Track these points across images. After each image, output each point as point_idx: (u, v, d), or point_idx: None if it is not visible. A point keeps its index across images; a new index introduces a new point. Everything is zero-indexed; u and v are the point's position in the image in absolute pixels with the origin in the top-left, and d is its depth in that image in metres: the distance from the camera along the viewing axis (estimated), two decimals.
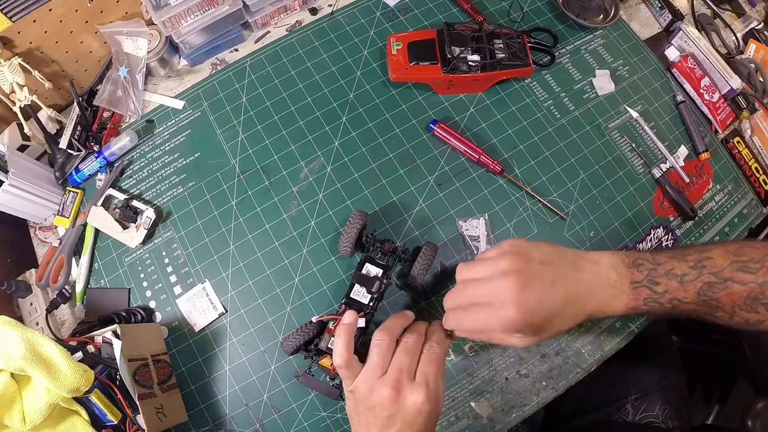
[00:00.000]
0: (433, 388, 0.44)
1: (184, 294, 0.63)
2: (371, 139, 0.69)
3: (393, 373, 0.43)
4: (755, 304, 0.47)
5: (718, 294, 0.48)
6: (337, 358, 0.44)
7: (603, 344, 0.61)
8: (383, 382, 0.43)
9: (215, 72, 0.74)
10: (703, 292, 0.48)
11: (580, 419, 0.70)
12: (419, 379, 0.44)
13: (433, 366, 0.45)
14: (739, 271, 0.48)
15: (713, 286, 0.48)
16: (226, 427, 0.58)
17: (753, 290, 0.47)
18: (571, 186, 0.67)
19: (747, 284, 0.47)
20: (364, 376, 0.44)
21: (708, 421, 0.86)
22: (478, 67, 0.67)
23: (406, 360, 0.44)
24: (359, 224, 0.58)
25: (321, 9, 0.77)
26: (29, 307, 0.63)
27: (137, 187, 0.68)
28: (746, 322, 0.48)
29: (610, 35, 0.77)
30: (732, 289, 0.47)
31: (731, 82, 0.72)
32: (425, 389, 0.43)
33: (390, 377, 0.43)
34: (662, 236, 0.67)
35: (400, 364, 0.43)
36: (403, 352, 0.44)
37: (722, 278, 0.48)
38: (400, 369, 0.43)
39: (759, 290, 0.47)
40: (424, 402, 0.43)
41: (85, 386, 0.46)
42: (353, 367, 0.44)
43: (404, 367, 0.43)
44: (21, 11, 0.59)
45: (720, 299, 0.48)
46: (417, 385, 0.43)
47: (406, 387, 0.43)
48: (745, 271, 0.48)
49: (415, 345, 0.45)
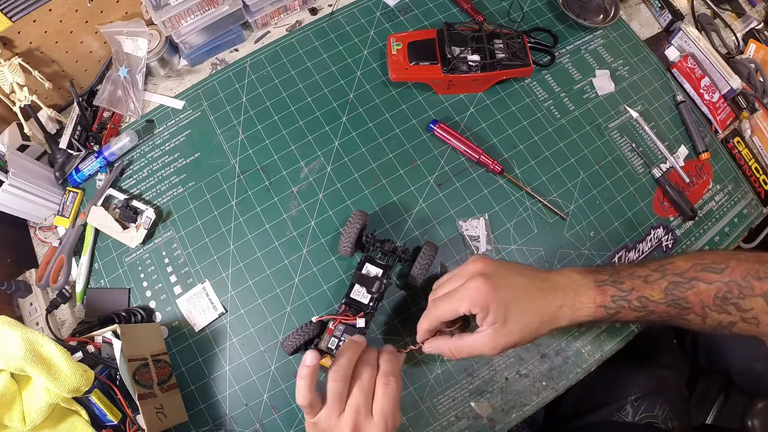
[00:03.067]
0: (390, 425, 0.45)
1: (184, 294, 0.63)
2: (371, 139, 0.69)
3: (351, 415, 0.44)
4: (725, 304, 0.48)
5: (685, 293, 0.48)
6: (300, 398, 0.44)
7: (603, 344, 0.61)
8: (343, 423, 0.44)
9: (215, 72, 0.74)
10: (670, 291, 0.49)
11: (580, 419, 0.70)
12: (377, 418, 0.45)
13: (390, 402, 0.46)
14: (703, 271, 0.49)
15: (679, 285, 0.49)
16: (226, 427, 0.58)
17: (720, 289, 0.48)
18: (571, 186, 0.67)
19: (713, 283, 0.48)
20: (325, 414, 0.44)
21: (708, 421, 0.86)
22: (478, 67, 0.67)
23: (361, 399, 0.44)
24: (359, 224, 0.58)
25: (321, 9, 0.77)
26: (29, 307, 0.63)
27: (137, 187, 0.68)
28: (719, 324, 0.49)
29: (610, 35, 0.77)
30: (699, 287, 0.48)
31: (731, 82, 0.72)
32: (384, 426, 0.44)
33: (348, 419, 0.44)
34: (662, 236, 0.67)
35: (357, 405, 0.44)
36: (358, 392, 0.45)
37: (687, 278, 0.49)
38: (357, 410, 0.44)
39: (726, 289, 0.48)
40: None
41: (85, 386, 0.46)
42: (315, 406, 0.45)
43: (361, 408, 0.44)
44: (21, 11, 0.59)
45: (688, 299, 0.48)
46: (375, 425, 0.44)
47: (364, 426, 0.44)
48: (710, 271, 0.49)
49: (369, 382, 0.46)
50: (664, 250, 0.66)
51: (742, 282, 0.48)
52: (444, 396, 0.58)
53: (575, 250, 0.64)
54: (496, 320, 0.46)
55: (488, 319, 0.46)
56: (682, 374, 0.75)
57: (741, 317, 0.48)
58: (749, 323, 0.48)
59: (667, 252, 0.66)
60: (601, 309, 0.49)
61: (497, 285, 0.47)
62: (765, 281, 0.47)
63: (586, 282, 0.49)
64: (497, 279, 0.47)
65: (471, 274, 0.48)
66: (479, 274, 0.47)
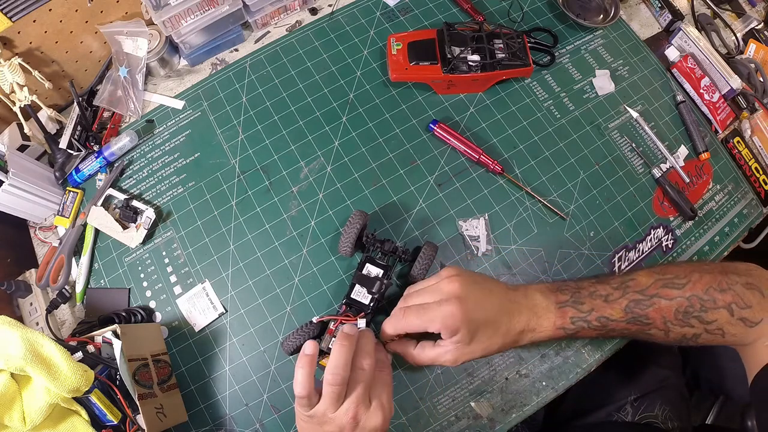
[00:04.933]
0: (387, 409, 0.46)
1: (184, 294, 0.63)
2: (371, 139, 0.69)
3: (351, 406, 0.44)
4: (687, 318, 0.48)
5: (646, 310, 0.49)
6: (299, 388, 0.44)
7: (603, 344, 0.61)
8: (343, 412, 0.44)
9: (215, 72, 0.74)
10: (630, 309, 0.49)
11: (580, 419, 0.70)
12: (375, 405, 0.45)
13: (386, 389, 0.47)
14: (664, 288, 0.49)
15: (640, 303, 0.49)
16: (226, 427, 0.58)
17: (681, 304, 0.48)
18: (571, 186, 0.67)
19: (674, 299, 0.49)
20: (323, 407, 0.44)
21: (708, 421, 0.86)
22: (478, 67, 0.67)
23: (361, 391, 0.45)
24: (359, 224, 0.58)
25: (321, 9, 0.77)
26: (29, 307, 0.63)
27: (137, 187, 0.68)
28: (683, 337, 0.50)
29: (610, 35, 0.77)
30: (660, 304, 0.49)
31: (731, 82, 0.72)
32: (382, 415, 0.45)
33: (349, 410, 0.44)
34: (662, 236, 0.67)
35: (358, 397, 0.44)
36: (359, 385, 0.45)
37: (648, 295, 0.49)
38: (358, 402, 0.44)
39: (688, 304, 0.48)
40: (382, 425, 0.45)
41: (85, 386, 0.46)
42: (313, 397, 0.45)
43: (360, 399, 0.44)
44: (21, 11, 0.59)
45: (649, 315, 0.49)
46: (374, 410, 0.45)
47: (363, 415, 0.45)
48: (671, 287, 0.49)
49: (370, 373, 0.46)
50: (664, 250, 0.66)
51: (704, 296, 0.48)
52: (444, 396, 0.58)
53: (575, 250, 0.64)
54: (461, 341, 0.48)
55: (454, 338, 0.48)
56: (681, 374, 0.75)
57: (705, 329, 0.49)
58: (714, 334, 0.49)
59: (667, 252, 0.66)
60: (560, 331, 0.50)
61: (469, 310, 0.47)
62: (728, 293, 0.48)
63: (548, 304, 0.51)
64: (471, 304, 0.48)
65: (446, 296, 0.48)
66: (455, 298, 0.48)
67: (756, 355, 0.48)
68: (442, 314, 0.47)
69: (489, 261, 0.64)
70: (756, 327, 0.48)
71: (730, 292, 0.48)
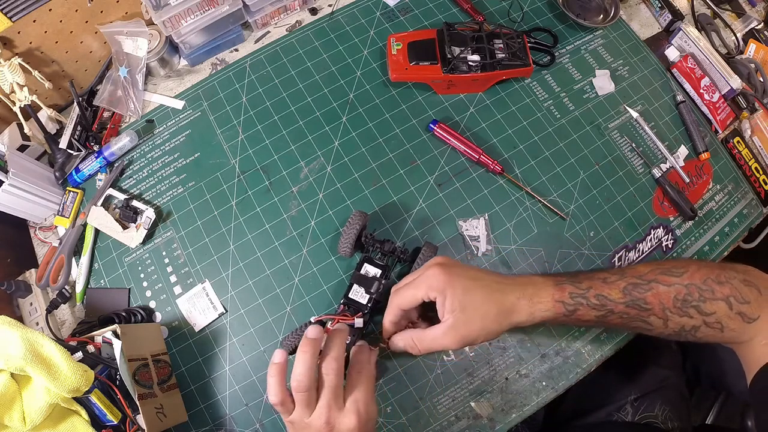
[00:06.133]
0: (363, 412, 0.45)
1: (184, 294, 0.63)
2: (371, 139, 0.69)
3: (323, 411, 0.44)
4: (686, 307, 0.48)
5: (644, 294, 0.49)
6: (271, 396, 0.44)
7: (603, 344, 0.61)
8: (316, 417, 0.44)
9: (215, 72, 0.74)
10: (629, 291, 0.49)
11: (580, 419, 0.70)
12: (349, 406, 0.45)
13: (363, 390, 0.46)
14: (662, 275, 0.50)
15: (638, 287, 0.50)
16: (226, 427, 0.58)
17: (680, 291, 0.48)
18: (571, 186, 0.67)
19: (672, 285, 0.49)
20: (298, 413, 0.45)
21: (708, 420, 0.86)
22: (478, 67, 0.67)
23: (331, 395, 0.44)
24: (359, 224, 0.58)
25: (321, 9, 0.77)
26: (29, 307, 0.63)
27: (137, 187, 0.68)
28: (682, 328, 0.49)
29: (610, 35, 0.77)
30: (658, 289, 0.49)
31: (731, 82, 0.72)
32: (356, 416, 0.45)
33: (322, 415, 0.44)
34: (662, 236, 0.67)
35: (328, 401, 0.44)
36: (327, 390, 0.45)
37: (646, 280, 0.50)
38: (329, 406, 0.44)
39: (686, 291, 0.48)
40: (357, 426, 0.45)
41: (85, 386, 0.46)
42: (288, 404, 0.45)
43: (331, 403, 0.44)
44: (21, 11, 0.59)
45: (647, 300, 0.49)
46: (347, 413, 0.45)
47: (337, 419, 0.44)
48: (669, 274, 0.50)
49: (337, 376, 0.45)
50: (664, 250, 0.66)
51: (702, 285, 0.48)
52: (444, 396, 0.58)
53: (575, 250, 0.64)
54: (454, 306, 0.47)
55: (446, 305, 0.48)
56: (682, 374, 0.75)
57: (704, 321, 0.48)
58: (713, 328, 0.49)
59: (667, 252, 0.66)
60: (560, 304, 0.50)
61: (454, 273, 0.49)
62: (726, 285, 0.48)
63: (545, 280, 0.51)
64: (455, 269, 0.49)
65: (429, 266, 0.50)
66: (437, 264, 0.50)
67: (754, 355, 0.48)
68: (425, 277, 0.49)
69: (489, 261, 0.64)
70: (753, 324, 0.48)
71: (728, 285, 0.48)
